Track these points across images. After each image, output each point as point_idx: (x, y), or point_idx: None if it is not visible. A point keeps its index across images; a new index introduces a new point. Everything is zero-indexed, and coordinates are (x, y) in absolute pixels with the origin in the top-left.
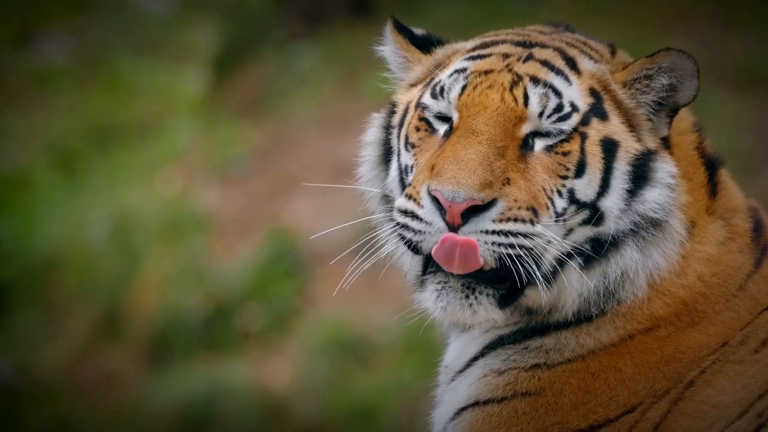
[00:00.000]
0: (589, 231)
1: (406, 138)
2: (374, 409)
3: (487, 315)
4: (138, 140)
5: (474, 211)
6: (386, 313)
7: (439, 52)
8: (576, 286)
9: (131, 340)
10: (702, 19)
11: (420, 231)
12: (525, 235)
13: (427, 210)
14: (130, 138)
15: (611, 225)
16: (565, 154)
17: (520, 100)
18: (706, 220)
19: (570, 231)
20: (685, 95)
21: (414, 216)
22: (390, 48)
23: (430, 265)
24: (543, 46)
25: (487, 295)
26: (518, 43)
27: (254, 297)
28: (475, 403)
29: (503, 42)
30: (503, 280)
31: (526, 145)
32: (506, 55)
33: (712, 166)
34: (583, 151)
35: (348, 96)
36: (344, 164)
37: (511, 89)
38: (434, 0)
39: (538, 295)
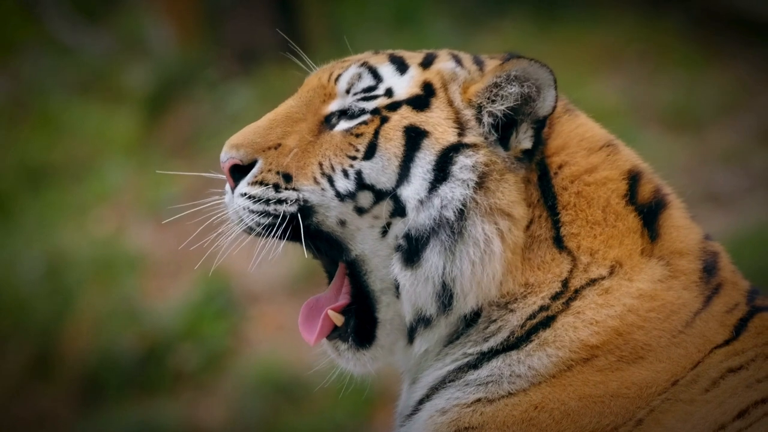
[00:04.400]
0: (402, 224)
1: None
2: None
3: (357, 356)
4: (70, 180)
5: (242, 172)
6: (319, 353)
7: None
8: (410, 286)
9: (63, 381)
10: (632, 60)
11: (226, 204)
12: (267, 201)
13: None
14: (62, 178)
15: (411, 215)
16: (358, 135)
17: (333, 78)
18: (639, 260)
19: (388, 225)
20: (543, 106)
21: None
22: None
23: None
24: (421, 51)
25: (343, 342)
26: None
27: (187, 337)
28: None
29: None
30: (352, 314)
31: (328, 122)
32: (376, 53)
33: (650, 212)
34: (376, 134)
35: None
36: None
37: (333, 71)
38: (364, 38)
39: (392, 304)
